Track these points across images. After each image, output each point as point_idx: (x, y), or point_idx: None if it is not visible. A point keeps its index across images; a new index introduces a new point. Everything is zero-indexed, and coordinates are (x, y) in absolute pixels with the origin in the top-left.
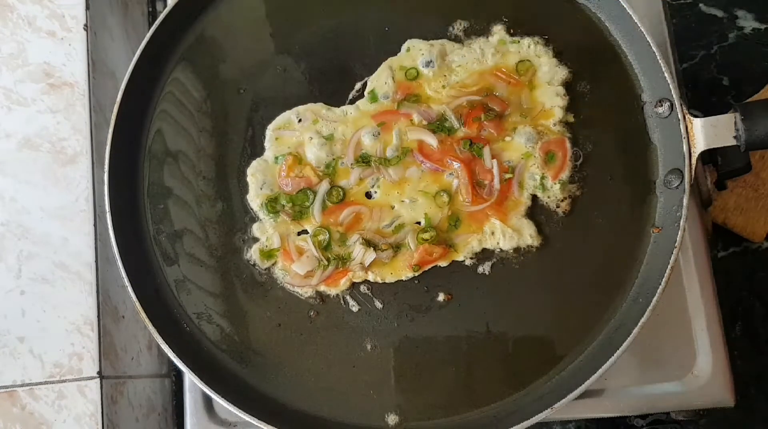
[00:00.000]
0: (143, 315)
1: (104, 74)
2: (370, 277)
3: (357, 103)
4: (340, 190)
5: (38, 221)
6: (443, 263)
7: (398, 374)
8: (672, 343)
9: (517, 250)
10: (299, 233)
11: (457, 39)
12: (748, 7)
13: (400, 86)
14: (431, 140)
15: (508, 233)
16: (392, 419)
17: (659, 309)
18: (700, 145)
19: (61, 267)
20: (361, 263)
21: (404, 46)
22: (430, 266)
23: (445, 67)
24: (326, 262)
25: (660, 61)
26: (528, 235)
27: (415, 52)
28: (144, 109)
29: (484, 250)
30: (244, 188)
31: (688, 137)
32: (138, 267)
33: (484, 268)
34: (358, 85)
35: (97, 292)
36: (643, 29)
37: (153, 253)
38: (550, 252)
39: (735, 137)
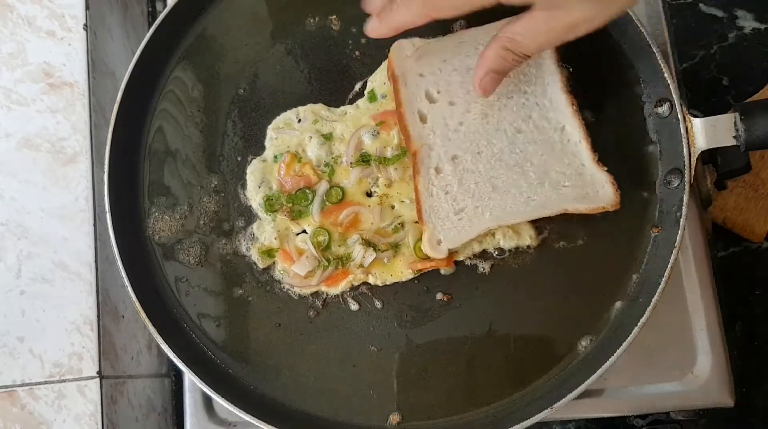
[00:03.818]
0: (143, 315)
1: (104, 74)
2: (371, 279)
3: (357, 102)
4: (339, 189)
5: (38, 221)
6: (445, 270)
7: (398, 374)
8: (672, 343)
9: (516, 250)
10: (299, 234)
11: None
12: (748, 7)
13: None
14: None
15: (508, 234)
16: (392, 419)
17: (659, 309)
18: (699, 145)
19: (61, 267)
20: (361, 264)
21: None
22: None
23: None
24: (326, 263)
25: (660, 61)
26: (527, 236)
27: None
28: (144, 108)
29: (483, 250)
30: (243, 187)
31: (687, 137)
32: (138, 267)
33: (484, 268)
34: (358, 86)
35: (97, 291)
36: (643, 29)
37: (153, 253)
38: (549, 252)
39: (735, 137)
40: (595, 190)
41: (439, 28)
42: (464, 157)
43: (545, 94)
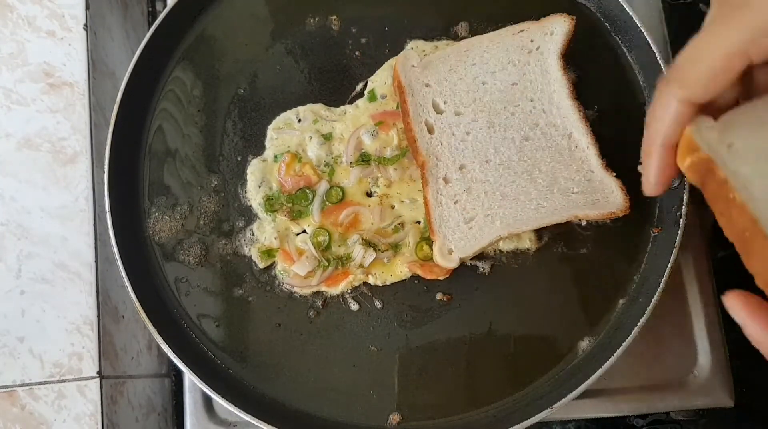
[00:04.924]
0: (143, 315)
1: (104, 74)
2: (371, 280)
3: (356, 102)
4: (339, 189)
5: (38, 221)
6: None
7: (398, 374)
8: (672, 343)
9: (517, 250)
10: (299, 234)
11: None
12: None
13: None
14: None
15: (508, 237)
16: (392, 419)
17: (659, 309)
18: None
19: (61, 267)
20: (361, 264)
21: (407, 46)
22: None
23: None
24: (326, 263)
25: (660, 61)
26: (527, 239)
27: (418, 52)
28: (144, 108)
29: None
30: (243, 187)
31: None
32: (138, 267)
33: (484, 268)
34: (359, 86)
35: (97, 292)
36: (643, 29)
37: (153, 253)
38: (549, 252)
39: None
40: (605, 196)
41: (441, 28)
42: (472, 166)
43: (552, 102)
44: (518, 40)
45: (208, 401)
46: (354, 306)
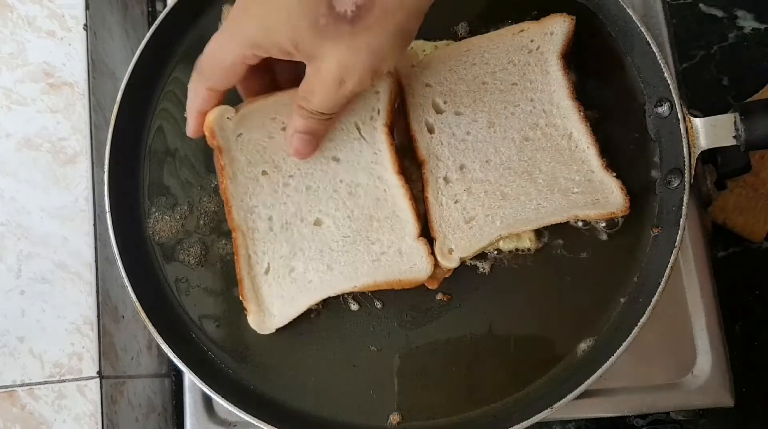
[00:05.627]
0: (143, 315)
1: (104, 74)
2: None
3: None
4: None
5: (38, 221)
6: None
7: (399, 374)
8: (672, 343)
9: (516, 250)
10: None
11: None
12: (748, 7)
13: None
14: None
15: (507, 237)
16: (392, 419)
17: (659, 309)
18: (700, 145)
19: (61, 267)
20: None
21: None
22: None
23: None
24: None
25: (660, 61)
26: (527, 239)
27: (418, 52)
28: (144, 108)
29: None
30: None
31: (687, 137)
32: (138, 267)
33: (484, 268)
34: None
35: (97, 292)
36: (643, 29)
37: (153, 253)
38: (549, 252)
39: (735, 137)
40: (605, 196)
41: (442, 28)
42: (472, 166)
43: (552, 102)
44: (518, 40)
45: (208, 401)
46: (354, 306)
